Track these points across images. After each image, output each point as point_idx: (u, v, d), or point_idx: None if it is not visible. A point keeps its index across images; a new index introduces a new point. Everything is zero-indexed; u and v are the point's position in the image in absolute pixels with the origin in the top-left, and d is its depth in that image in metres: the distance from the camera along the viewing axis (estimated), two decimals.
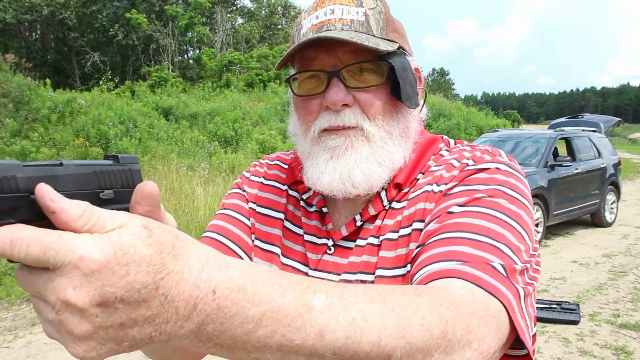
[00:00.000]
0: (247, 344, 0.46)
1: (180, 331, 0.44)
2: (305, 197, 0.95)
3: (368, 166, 0.83)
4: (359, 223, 0.87)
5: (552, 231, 8.47)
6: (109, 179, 0.49)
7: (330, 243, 0.89)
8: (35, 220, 0.43)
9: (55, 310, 0.41)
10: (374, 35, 0.84)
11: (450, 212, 0.75)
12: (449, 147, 0.91)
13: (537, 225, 7.45)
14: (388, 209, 0.86)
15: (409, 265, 0.79)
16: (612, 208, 9.32)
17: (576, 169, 8.49)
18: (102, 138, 11.37)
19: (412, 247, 0.79)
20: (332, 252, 0.88)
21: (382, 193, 0.87)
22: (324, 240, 0.90)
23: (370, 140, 0.84)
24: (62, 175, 0.45)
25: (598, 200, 8.90)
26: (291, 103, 0.95)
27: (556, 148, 8.77)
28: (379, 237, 0.85)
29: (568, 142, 8.98)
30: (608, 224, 9.08)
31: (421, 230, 0.79)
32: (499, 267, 0.66)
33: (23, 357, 4.00)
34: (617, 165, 9.59)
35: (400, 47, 0.86)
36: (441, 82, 66.16)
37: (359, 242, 0.86)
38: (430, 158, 0.89)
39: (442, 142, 0.93)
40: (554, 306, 1.30)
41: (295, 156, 0.99)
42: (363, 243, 0.86)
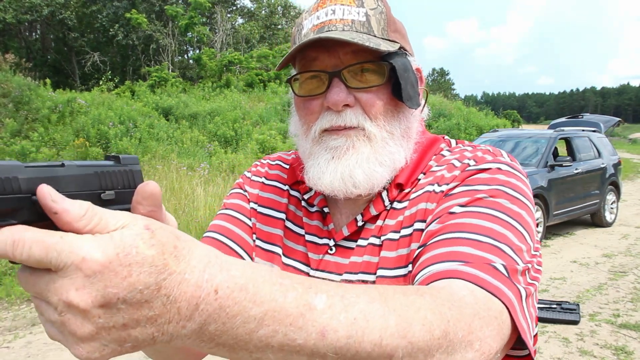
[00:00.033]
0: (249, 343, 0.46)
1: (182, 331, 0.44)
2: (306, 197, 0.95)
3: (369, 166, 0.83)
4: (360, 223, 0.87)
5: (552, 231, 8.47)
6: (110, 180, 0.49)
7: (332, 243, 0.89)
8: (37, 221, 0.43)
9: (58, 312, 0.41)
10: (375, 36, 0.84)
11: (452, 213, 0.75)
12: (450, 147, 0.91)
13: (537, 225, 7.43)
14: (389, 209, 0.86)
15: (410, 266, 0.79)
16: (612, 208, 9.32)
17: (576, 169, 8.50)
18: (102, 138, 11.37)
19: (414, 247, 0.79)
20: (333, 252, 0.88)
21: (384, 193, 0.87)
22: (325, 241, 0.90)
23: (372, 140, 0.84)
24: (64, 176, 0.45)
25: (598, 200, 8.91)
26: (292, 103, 0.95)
27: (556, 148, 8.78)
28: (380, 237, 0.85)
29: (568, 142, 8.99)
30: (608, 224, 9.08)
31: (422, 230, 0.79)
32: (500, 268, 0.66)
33: (23, 357, 4.00)
34: (617, 165, 9.60)
35: (401, 47, 0.86)
36: (441, 82, 66.17)
37: (360, 242, 0.86)
38: (432, 158, 0.89)
39: (444, 142, 0.93)
40: (554, 306, 1.30)
41: (297, 156, 0.98)
42: (364, 243, 0.86)
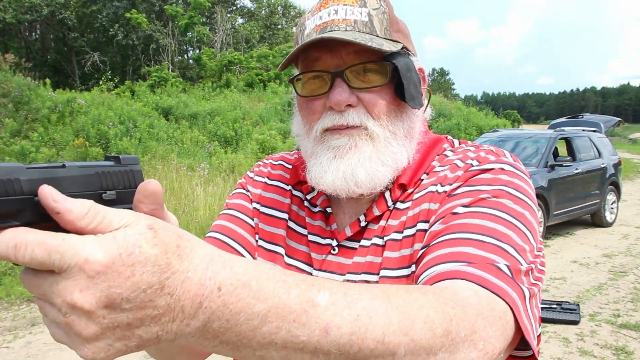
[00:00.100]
0: (253, 340, 0.46)
1: (186, 329, 0.44)
2: (309, 197, 0.95)
3: (372, 165, 0.83)
4: (363, 223, 0.87)
5: (552, 231, 8.47)
6: (111, 180, 0.49)
7: (335, 243, 0.89)
8: (39, 222, 0.43)
9: (62, 313, 0.41)
10: (377, 36, 0.84)
11: (455, 213, 0.75)
12: (453, 147, 0.91)
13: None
14: (392, 209, 0.86)
15: (413, 266, 0.79)
16: (612, 208, 9.32)
17: (576, 169, 8.50)
18: (102, 138, 11.37)
19: (417, 247, 0.79)
20: (336, 253, 0.88)
21: (387, 193, 0.87)
22: (328, 241, 0.90)
23: (374, 140, 0.84)
24: (65, 177, 0.46)
25: (598, 200, 8.91)
26: (294, 103, 0.95)
27: (556, 148, 8.78)
28: (383, 237, 0.85)
29: (568, 142, 8.99)
30: (608, 224, 9.08)
31: (426, 230, 0.79)
32: (504, 268, 0.66)
33: (23, 357, 4.00)
34: (617, 165, 9.60)
35: (404, 47, 0.86)
36: (441, 82, 66.20)
37: (363, 242, 0.86)
38: (435, 158, 0.89)
39: (447, 142, 0.93)
40: (554, 306, 1.30)
41: (299, 156, 0.98)
42: (367, 243, 0.86)
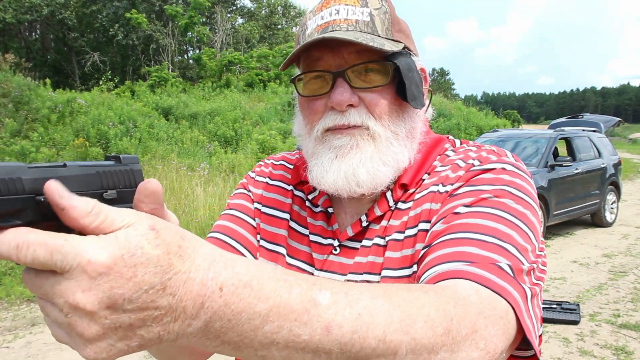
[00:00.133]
0: (254, 340, 0.46)
1: (188, 329, 0.44)
2: (310, 197, 0.95)
3: (373, 165, 0.83)
4: (364, 223, 0.87)
5: (552, 231, 8.47)
6: (111, 180, 0.50)
7: (336, 243, 0.88)
8: (41, 222, 0.43)
9: (64, 314, 0.41)
10: (379, 36, 0.84)
11: (457, 213, 0.75)
12: (455, 147, 0.91)
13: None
14: (394, 209, 0.86)
15: (415, 266, 0.79)
16: (612, 208, 9.32)
17: (576, 169, 8.50)
18: (102, 138, 11.37)
19: (418, 247, 0.79)
20: (337, 253, 0.88)
21: (388, 193, 0.87)
22: (329, 241, 0.90)
23: (376, 140, 0.83)
24: (66, 177, 0.46)
25: (598, 200, 8.91)
26: (296, 103, 0.94)
27: (556, 148, 8.78)
28: (384, 237, 0.85)
29: (568, 142, 8.99)
30: (608, 224, 9.08)
31: (427, 230, 0.79)
32: (505, 268, 0.66)
33: (23, 357, 4.00)
34: (617, 165, 9.60)
35: (405, 47, 0.86)
36: (441, 82, 66.22)
37: (364, 242, 0.86)
38: (436, 158, 0.89)
39: (448, 142, 0.93)
40: (554, 306, 1.30)
41: (301, 156, 0.98)
42: (369, 243, 0.85)
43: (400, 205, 0.86)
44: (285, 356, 0.48)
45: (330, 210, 0.92)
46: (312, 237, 0.91)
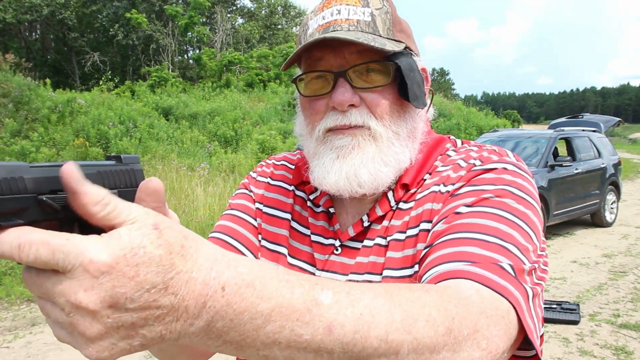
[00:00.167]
0: (257, 340, 0.46)
1: (190, 329, 0.44)
2: (312, 197, 0.95)
3: (374, 166, 0.83)
4: (366, 223, 0.87)
5: (552, 231, 8.47)
6: (112, 179, 0.50)
7: (338, 243, 0.89)
8: (42, 221, 0.43)
9: (66, 313, 0.41)
10: (380, 36, 0.84)
11: (458, 213, 0.75)
12: (456, 147, 0.91)
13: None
14: (395, 209, 0.86)
15: (416, 266, 0.79)
16: (612, 208, 9.32)
17: (576, 169, 8.50)
18: (102, 138, 11.38)
19: (420, 247, 0.79)
20: (339, 253, 0.88)
21: (389, 193, 0.87)
22: (331, 241, 0.90)
23: (377, 140, 0.83)
24: None
25: (598, 200, 8.91)
26: (297, 103, 0.94)
27: (556, 148, 8.78)
28: (386, 237, 0.85)
29: (568, 142, 9.00)
30: (608, 224, 9.08)
31: (429, 230, 0.79)
32: (507, 267, 0.66)
33: (23, 357, 4.00)
34: (617, 165, 9.60)
35: (406, 47, 0.86)
36: (441, 82, 66.27)
37: (366, 242, 0.86)
38: (437, 158, 0.89)
39: (449, 142, 0.93)
40: (554, 306, 1.30)
41: (302, 156, 0.98)
42: (370, 244, 0.85)
43: (402, 205, 0.86)
44: (287, 356, 0.48)
45: (331, 210, 0.92)
46: (313, 237, 0.91)
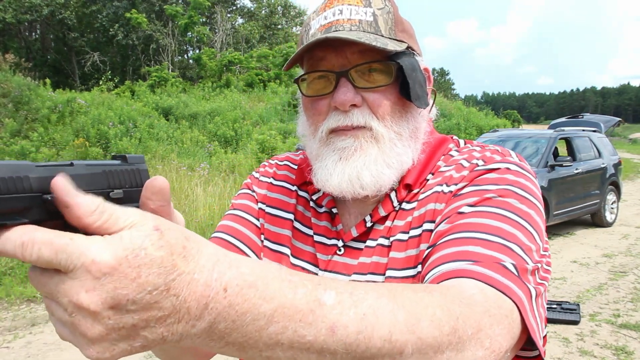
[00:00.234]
0: (259, 341, 0.46)
1: (192, 330, 0.44)
2: (314, 197, 0.94)
3: (377, 168, 0.83)
4: (369, 224, 0.87)
5: (552, 231, 8.47)
6: (118, 179, 0.50)
7: (340, 244, 0.88)
8: (47, 220, 0.43)
9: (68, 313, 0.41)
10: (382, 36, 0.84)
11: (461, 213, 0.75)
12: (459, 147, 0.91)
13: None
14: (398, 209, 0.86)
15: (419, 266, 0.79)
16: (612, 208, 9.32)
17: (576, 169, 8.50)
18: (102, 138, 11.38)
19: (423, 247, 0.79)
20: (342, 253, 0.88)
21: (392, 194, 0.87)
22: (333, 241, 0.90)
23: (379, 142, 0.83)
24: (73, 176, 0.46)
25: (598, 200, 8.91)
26: (300, 104, 0.94)
27: (556, 148, 8.79)
28: (389, 238, 0.84)
29: (568, 142, 9.00)
30: (608, 224, 9.09)
31: (431, 230, 0.79)
32: (510, 267, 0.66)
33: (23, 357, 4.00)
34: (617, 165, 9.61)
35: (409, 47, 0.86)
36: (441, 82, 66.30)
37: (369, 243, 0.86)
38: (440, 158, 0.89)
39: (452, 142, 0.93)
40: (554, 306, 1.30)
41: (305, 157, 0.98)
42: (373, 244, 0.85)
43: (405, 205, 0.86)
44: (290, 357, 0.48)
45: (334, 210, 0.92)
46: (316, 238, 0.91)
